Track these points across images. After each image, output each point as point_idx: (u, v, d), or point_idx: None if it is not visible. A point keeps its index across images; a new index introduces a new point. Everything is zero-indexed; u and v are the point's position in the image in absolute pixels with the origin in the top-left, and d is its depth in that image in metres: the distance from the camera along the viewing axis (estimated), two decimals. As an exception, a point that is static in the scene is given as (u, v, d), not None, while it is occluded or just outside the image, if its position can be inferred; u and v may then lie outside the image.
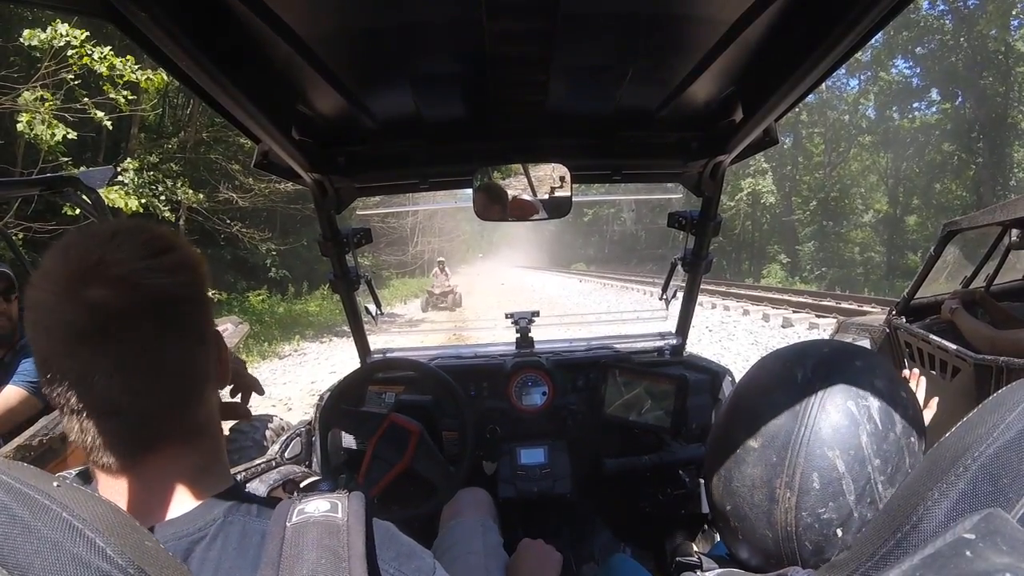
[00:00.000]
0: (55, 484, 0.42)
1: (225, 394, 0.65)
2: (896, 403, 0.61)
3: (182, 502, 0.51)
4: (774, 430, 0.62)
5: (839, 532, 0.58)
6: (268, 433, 2.91)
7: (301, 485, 1.47)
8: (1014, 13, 19.11)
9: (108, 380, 0.47)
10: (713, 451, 0.70)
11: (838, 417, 0.59)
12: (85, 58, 5.95)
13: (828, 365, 0.63)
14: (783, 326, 9.11)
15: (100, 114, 6.36)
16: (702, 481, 1.63)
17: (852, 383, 0.61)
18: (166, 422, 0.52)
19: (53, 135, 5.95)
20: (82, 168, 6.40)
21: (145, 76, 6.26)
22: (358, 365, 1.81)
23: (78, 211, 2.58)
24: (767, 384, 0.67)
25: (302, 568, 0.45)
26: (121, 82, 6.22)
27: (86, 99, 6.33)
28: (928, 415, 0.97)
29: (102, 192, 2.51)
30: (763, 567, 0.64)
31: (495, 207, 1.45)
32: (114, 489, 0.51)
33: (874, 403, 0.60)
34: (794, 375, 0.64)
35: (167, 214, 8.29)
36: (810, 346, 0.68)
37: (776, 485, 0.60)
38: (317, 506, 0.50)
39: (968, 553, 0.37)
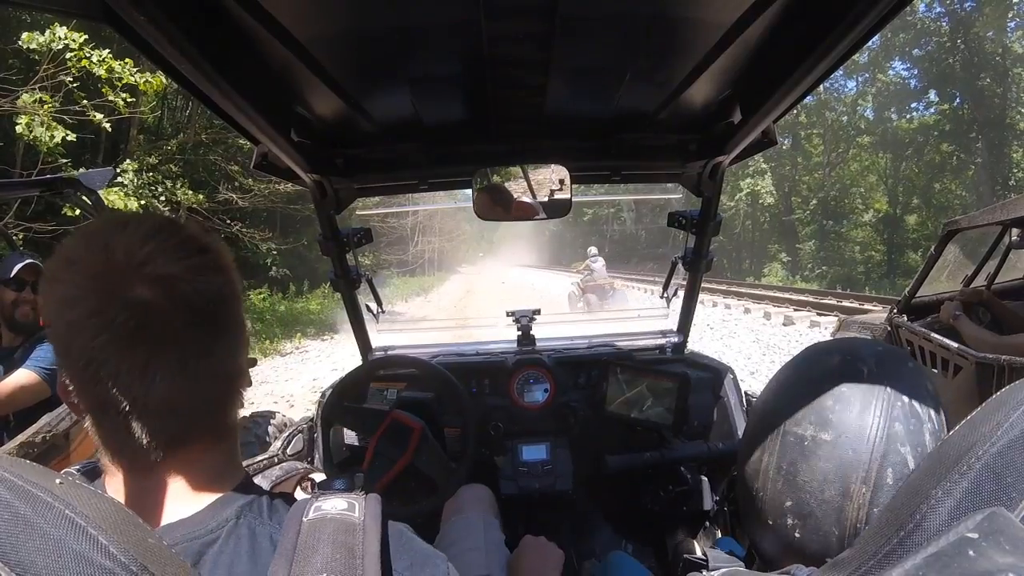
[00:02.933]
0: (58, 481, 0.42)
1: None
2: (941, 407, 0.62)
3: (195, 500, 0.51)
4: (846, 423, 0.61)
5: None
6: (271, 429, 2.93)
7: (317, 482, 1.47)
8: (1010, 15, 19.14)
9: (170, 381, 0.48)
10: (762, 442, 0.67)
11: (906, 413, 0.60)
12: (84, 61, 5.95)
13: (888, 363, 0.63)
14: (784, 324, 9.11)
15: (99, 116, 6.35)
16: (704, 478, 1.64)
17: (911, 382, 0.61)
18: (206, 421, 0.53)
19: (52, 137, 5.95)
20: (82, 169, 6.41)
21: (144, 79, 6.26)
22: (360, 363, 1.81)
23: (78, 211, 2.59)
24: (830, 375, 0.64)
25: (315, 561, 0.44)
26: (120, 85, 6.21)
27: (85, 101, 6.33)
28: None
29: (101, 193, 2.52)
30: (778, 563, 0.63)
31: (495, 207, 1.46)
32: (131, 487, 0.51)
33: (930, 403, 0.61)
34: (859, 369, 0.63)
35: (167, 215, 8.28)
36: (862, 343, 0.67)
37: (852, 480, 0.59)
38: (334, 504, 0.50)
39: (971, 552, 0.37)
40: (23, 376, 1.90)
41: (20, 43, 5.86)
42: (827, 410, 0.62)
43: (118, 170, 7.63)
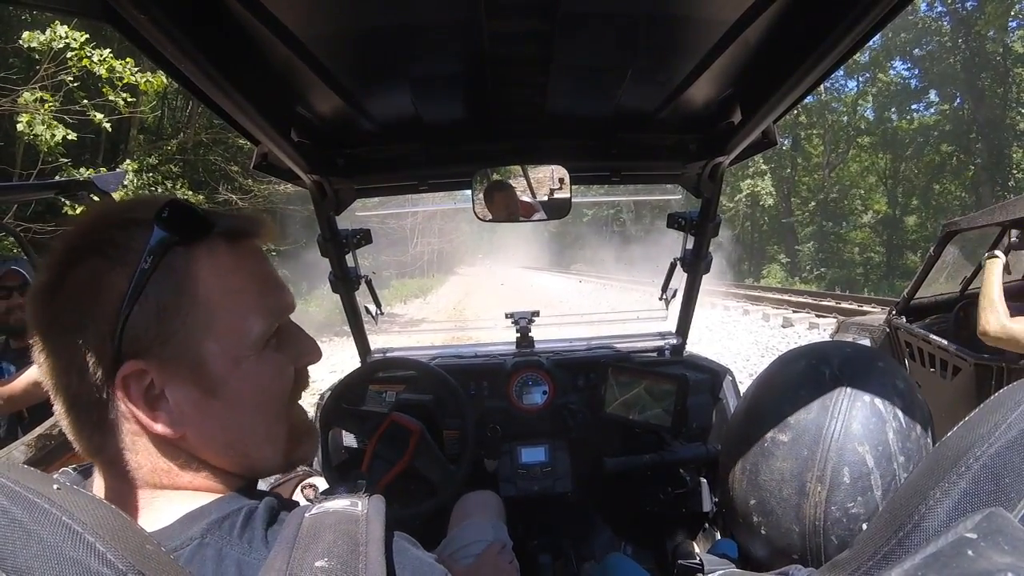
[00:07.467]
0: (55, 487, 0.41)
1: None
2: (915, 404, 0.63)
3: (163, 509, 0.49)
4: (804, 424, 0.63)
5: (864, 527, 0.59)
6: None
7: (319, 490, 1.48)
8: (1012, 14, 19.17)
9: (57, 358, 0.49)
10: (734, 446, 0.70)
11: (867, 413, 0.61)
12: (85, 60, 5.95)
13: (853, 364, 0.65)
14: (783, 326, 9.11)
15: (99, 116, 6.35)
16: (703, 480, 1.64)
17: (877, 382, 0.63)
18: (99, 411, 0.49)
19: (53, 136, 5.95)
20: (82, 169, 6.43)
21: (144, 78, 6.26)
22: (358, 364, 1.81)
23: (79, 211, 2.59)
24: (793, 380, 0.67)
25: (316, 548, 0.44)
26: (120, 84, 6.21)
27: (85, 101, 6.33)
28: None
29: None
30: (773, 563, 0.64)
31: (494, 208, 1.45)
32: (104, 490, 0.50)
33: (898, 402, 0.62)
34: (821, 372, 0.65)
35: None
36: (831, 346, 0.69)
37: (807, 479, 0.61)
38: (337, 501, 0.50)
39: (970, 552, 0.37)
40: (36, 372, 1.90)
41: (21, 42, 5.87)
42: (787, 414, 0.64)
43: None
